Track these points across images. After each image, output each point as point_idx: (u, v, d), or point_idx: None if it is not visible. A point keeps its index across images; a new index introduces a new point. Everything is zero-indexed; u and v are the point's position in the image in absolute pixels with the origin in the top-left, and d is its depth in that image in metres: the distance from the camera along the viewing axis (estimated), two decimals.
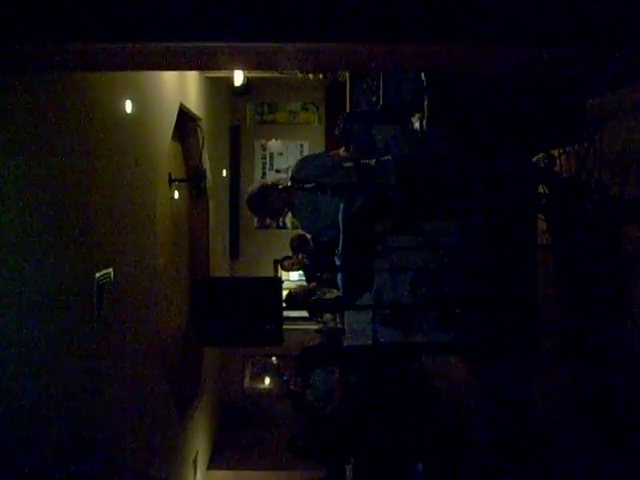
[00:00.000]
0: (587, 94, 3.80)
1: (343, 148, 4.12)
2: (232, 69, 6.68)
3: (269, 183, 3.98)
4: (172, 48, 2.20)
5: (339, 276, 3.93)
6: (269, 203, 3.93)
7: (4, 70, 2.48)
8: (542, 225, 4.02)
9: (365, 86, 4.87)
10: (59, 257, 3.53)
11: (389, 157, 3.85)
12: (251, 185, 4.28)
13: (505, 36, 2.07)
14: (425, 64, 2.78)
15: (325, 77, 8.71)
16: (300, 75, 8.60)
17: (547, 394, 3.92)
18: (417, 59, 2.39)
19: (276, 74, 8.56)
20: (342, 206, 3.63)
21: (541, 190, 3.91)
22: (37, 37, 2.12)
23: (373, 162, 3.82)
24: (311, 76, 8.66)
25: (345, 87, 6.94)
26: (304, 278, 7.50)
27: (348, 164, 3.79)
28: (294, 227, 9.80)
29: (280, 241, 9.67)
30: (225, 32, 2.07)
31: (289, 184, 3.84)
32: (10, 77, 2.83)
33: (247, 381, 10.35)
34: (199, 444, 8.22)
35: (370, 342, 4.06)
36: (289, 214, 8.75)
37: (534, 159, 4.00)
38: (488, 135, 3.87)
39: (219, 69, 6.37)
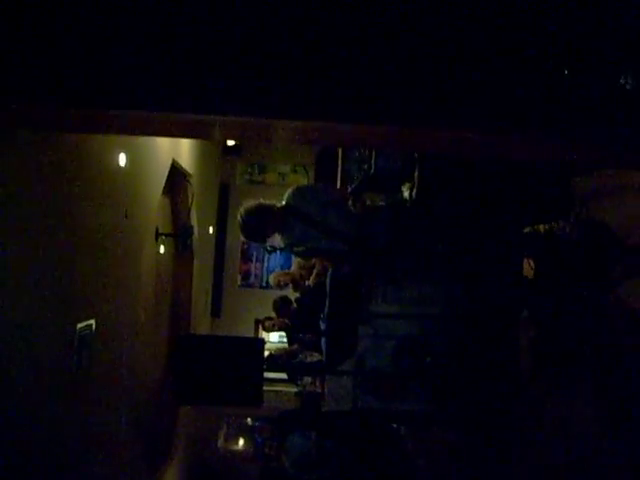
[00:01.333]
0: (574, 172, 3.89)
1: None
2: (223, 139, 6.77)
3: (265, 204, 3.93)
4: (167, 118, 2.27)
5: (322, 340, 3.93)
6: (263, 223, 3.84)
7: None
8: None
9: (357, 154, 4.96)
10: (42, 305, 3.50)
11: (382, 203, 3.88)
12: (245, 204, 4.16)
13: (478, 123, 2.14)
14: (407, 145, 2.87)
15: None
16: None
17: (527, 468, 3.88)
18: (399, 140, 2.47)
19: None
20: (330, 271, 3.66)
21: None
22: (33, 98, 2.17)
23: (370, 201, 3.85)
24: None
25: (335, 152, 7.07)
26: (285, 339, 7.47)
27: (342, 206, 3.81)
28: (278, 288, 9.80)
29: (262, 301, 9.64)
30: (218, 106, 2.14)
31: (282, 206, 3.81)
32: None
33: (221, 442, 10.14)
34: None
35: (350, 408, 4.03)
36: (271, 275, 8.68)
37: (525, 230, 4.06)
38: (476, 208, 3.94)
39: (211, 139, 6.49)
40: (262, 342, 4.35)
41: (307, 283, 6.52)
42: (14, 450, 3.24)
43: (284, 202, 3.93)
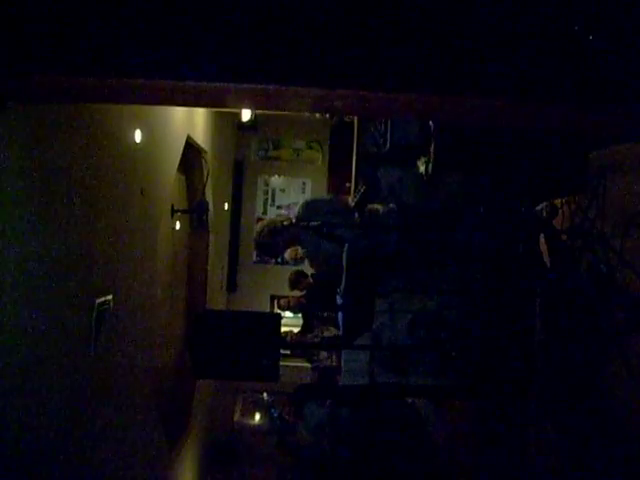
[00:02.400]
0: (590, 145, 3.86)
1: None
2: (240, 108, 6.75)
3: (277, 224, 4.07)
4: (182, 86, 2.27)
5: (339, 315, 3.95)
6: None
7: (19, 97, 2.53)
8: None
9: (373, 128, 4.95)
10: (62, 281, 3.54)
11: (393, 205, 3.91)
12: (260, 224, 4.37)
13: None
14: (431, 113, 2.86)
15: (331, 117, 8.82)
16: (306, 114, 8.72)
17: (542, 440, 3.91)
18: (423, 109, 2.46)
19: (282, 112, 8.67)
20: (345, 247, 3.68)
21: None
22: (53, 68, 2.18)
23: (378, 208, 3.88)
24: (317, 115, 8.77)
25: (350, 128, 7.04)
26: (300, 316, 7.52)
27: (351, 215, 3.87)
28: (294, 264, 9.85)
29: (278, 276, 9.69)
30: (234, 73, 2.14)
31: (293, 221, 3.90)
32: (24, 104, 2.88)
33: (237, 417, 10.26)
34: (187, 479, 8.12)
35: (366, 382, 4.06)
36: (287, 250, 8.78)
37: (537, 208, 4.05)
38: (492, 182, 3.92)
39: (227, 107, 6.48)
40: (279, 317, 4.37)
41: None
42: (33, 423, 3.29)
43: (295, 216, 4.09)
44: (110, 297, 4.31)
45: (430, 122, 4.00)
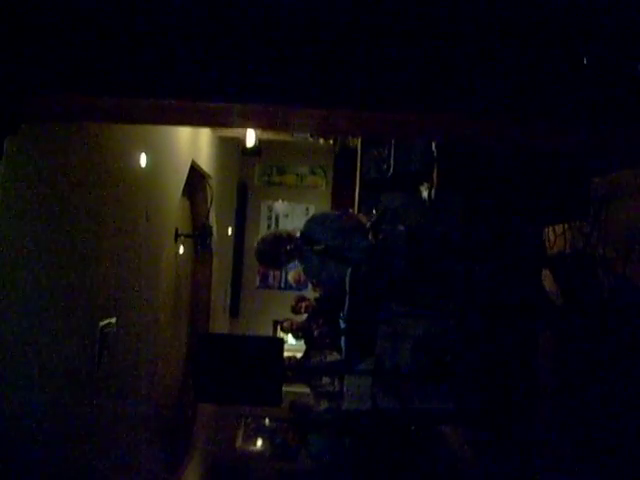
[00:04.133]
0: (593, 172, 3.89)
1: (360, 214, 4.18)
2: (245, 127, 6.79)
3: (281, 236, 3.99)
4: (192, 106, 2.31)
5: (342, 339, 3.95)
6: (278, 256, 3.93)
7: (34, 117, 2.57)
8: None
9: (376, 153, 4.98)
10: (66, 302, 3.55)
11: (401, 227, 3.90)
12: (262, 235, 4.26)
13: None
14: (427, 133, 2.90)
15: (334, 143, 8.87)
16: (310, 140, 8.78)
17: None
18: (418, 128, 2.50)
19: (286, 137, 8.73)
20: (349, 269, 3.67)
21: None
22: (68, 87, 2.23)
23: (385, 228, 3.88)
24: (321, 141, 8.83)
25: (354, 153, 7.08)
26: (302, 341, 7.50)
27: (355, 233, 3.85)
28: (297, 288, 9.86)
29: (281, 301, 9.68)
30: (240, 94, 2.18)
31: (298, 236, 3.87)
32: (37, 125, 2.93)
33: (239, 442, 10.18)
34: None
35: (369, 407, 4.05)
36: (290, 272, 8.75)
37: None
38: (495, 208, 3.94)
39: (232, 127, 6.55)
40: (282, 342, 4.37)
41: None
42: (36, 442, 3.29)
43: (300, 232, 4.00)
44: (114, 320, 4.32)
45: (433, 148, 4.03)
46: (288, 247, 3.89)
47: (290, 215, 10.97)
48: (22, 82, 2.17)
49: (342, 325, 3.91)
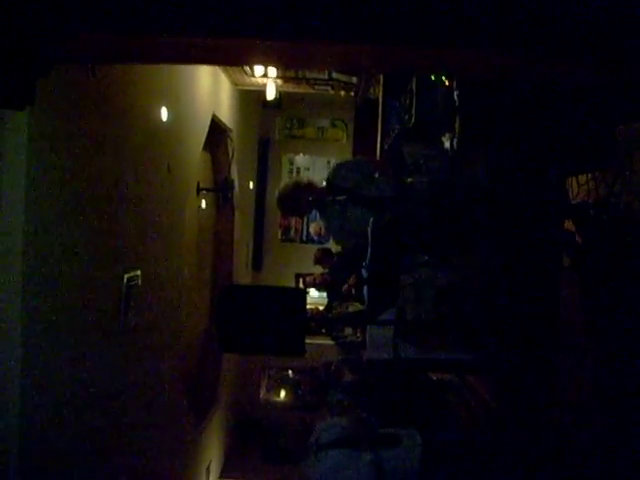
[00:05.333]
0: (617, 120, 3.82)
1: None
2: (268, 65, 6.66)
3: (304, 182, 3.95)
4: (213, 43, 2.31)
5: (365, 288, 3.95)
6: (300, 202, 3.89)
7: (64, 60, 2.58)
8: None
9: (398, 104, 4.94)
10: (92, 256, 3.61)
11: (425, 177, 3.87)
12: (284, 183, 4.22)
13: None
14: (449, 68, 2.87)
15: (356, 94, 8.78)
16: (330, 92, 8.69)
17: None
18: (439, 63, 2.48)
19: (307, 90, 8.65)
20: (372, 218, 3.66)
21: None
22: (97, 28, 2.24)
23: (409, 180, 3.85)
24: (342, 93, 8.73)
25: (375, 105, 7.02)
26: (324, 294, 7.57)
27: (381, 178, 3.81)
28: (319, 241, 9.92)
29: (303, 255, 9.74)
30: (259, 30, 2.17)
31: (323, 185, 3.85)
32: (71, 65, 2.94)
33: (263, 393, 10.38)
34: (213, 452, 8.25)
35: (390, 356, 4.08)
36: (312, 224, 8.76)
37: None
38: (517, 158, 3.90)
39: (253, 64, 6.48)
40: (304, 292, 4.41)
41: None
42: (64, 392, 3.38)
43: (327, 177, 3.95)
44: (138, 272, 4.38)
45: (455, 97, 3.98)
46: (310, 198, 3.86)
47: (311, 168, 10.94)
48: (53, 25, 2.19)
49: (364, 275, 3.92)
